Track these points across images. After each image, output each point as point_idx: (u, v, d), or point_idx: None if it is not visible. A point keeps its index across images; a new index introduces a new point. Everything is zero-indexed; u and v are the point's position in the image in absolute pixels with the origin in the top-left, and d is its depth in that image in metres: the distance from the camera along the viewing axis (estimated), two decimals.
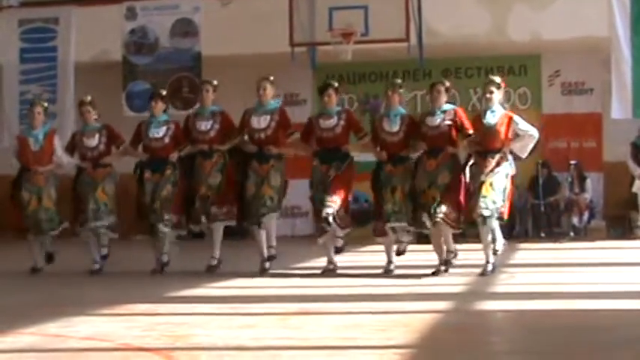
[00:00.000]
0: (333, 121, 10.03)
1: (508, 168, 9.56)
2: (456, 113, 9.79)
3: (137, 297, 8.14)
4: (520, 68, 17.10)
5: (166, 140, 10.34)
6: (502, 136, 9.56)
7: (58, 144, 10.88)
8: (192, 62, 16.26)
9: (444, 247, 9.77)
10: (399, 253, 9.95)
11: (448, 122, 9.71)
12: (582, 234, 15.40)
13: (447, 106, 9.87)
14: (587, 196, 15.88)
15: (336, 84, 10.53)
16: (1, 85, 17.12)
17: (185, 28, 16.27)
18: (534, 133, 9.75)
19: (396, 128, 9.83)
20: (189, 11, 16.28)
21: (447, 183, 9.51)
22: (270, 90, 10.26)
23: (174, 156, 10.32)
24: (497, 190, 9.39)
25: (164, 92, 11.24)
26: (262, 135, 10.09)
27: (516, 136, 9.66)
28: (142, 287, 9.28)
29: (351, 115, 10.52)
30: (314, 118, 10.30)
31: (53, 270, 10.81)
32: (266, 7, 15.72)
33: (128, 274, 10.63)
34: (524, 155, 9.87)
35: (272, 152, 10.03)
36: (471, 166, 9.68)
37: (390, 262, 9.96)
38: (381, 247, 10.14)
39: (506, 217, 9.62)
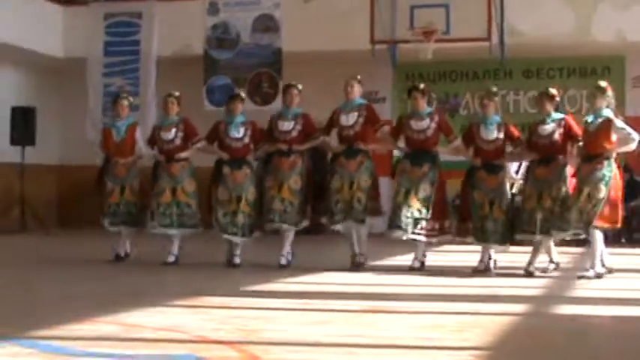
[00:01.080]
0: (424, 123, 10.15)
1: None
2: (566, 121, 9.81)
3: (212, 290, 8.21)
4: (603, 69, 16.82)
5: (246, 140, 10.55)
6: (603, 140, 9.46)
7: (140, 137, 11.10)
8: (272, 58, 16.37)
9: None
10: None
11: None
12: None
13: (557, 115, 9.88)
14: None
15: (422, 85, 10.59)
16: (86, 77, 17.44)
17: (266, 23, 16.39)
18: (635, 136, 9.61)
19: (492, 136, 9.96)
20: (270, 7, 16.40)
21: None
22: (357, 88, 10.39)
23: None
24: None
25: (243, 94, 11.48)
26: (351, 132, 10.22)
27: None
28: (216, 280, 9.35)
29: (442, 117, 10.60)
30: (405, 118, 10.40)
31: (130, 260, 11.02)
32: (347, 3, 15.73)
33: (202, 266, 10.71)
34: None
35: (360, 147, 10.15)
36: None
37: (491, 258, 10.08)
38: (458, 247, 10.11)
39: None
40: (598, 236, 9.32)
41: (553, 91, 10.08)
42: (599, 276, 9.29)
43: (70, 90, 18.57)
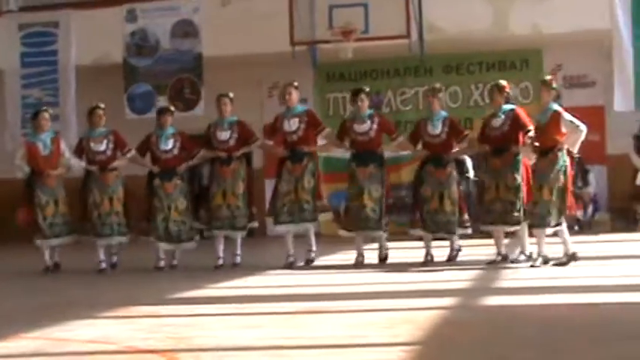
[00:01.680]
0: (366, 125, 10.64)
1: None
2: (515, 112, 10.15)
3: (140, 299, 8.14)
4: (522, 63, 17.06)
5: (175, 152, 11.04)
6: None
7: (65, 147, 11.27)
8: (193, 63, 16.25)
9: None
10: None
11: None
12: (587, 227, 15.37)
13: (507, 107, 10.22)
14: (591, 189, 15.85)
15: (368, 89, 11.21)
16: (3, 89, 17.13)
17: (185, 29, 16.26)
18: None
19: (437, 131, 10.41)
20: (189, 12, 16.27)
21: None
22: (295, 94, 10.90)
23: (182, 167, 11.11)
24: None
25: (173, 108, 11.92)
26: (294, 137, 10.70)
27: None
28: (144, 289, 9.28)
29: (384, 118, 11.14)
30: (348, 122, 10.83)
31: (54, 274, 10.93)
32: (266, 6, 15.70)
33: (130, 275, 10.68)
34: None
35: (304, 150, 10.64)
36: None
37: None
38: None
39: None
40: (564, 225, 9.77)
41: (503, 82, 10.41)
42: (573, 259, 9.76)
43: None
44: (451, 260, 10.60)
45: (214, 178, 10.97)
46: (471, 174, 12.88)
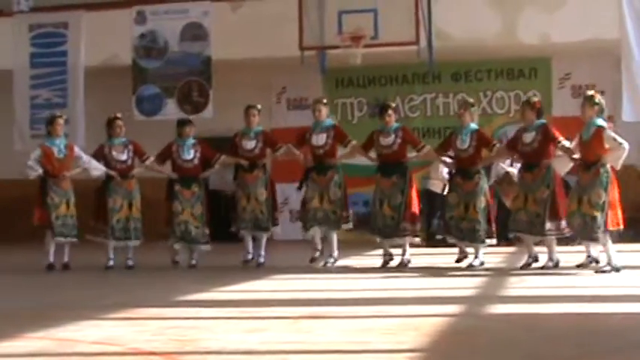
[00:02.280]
0: (391, 138, 11.17)
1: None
2: (545, 127, 10.49)
3: (146, 301, 8.17)
4: (530, 71, 17.02)
5: (196, 161, 11.75)
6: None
7: (81, 152, 11.76)
8: (201, 66, 16.26)
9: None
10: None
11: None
12: None
13: (538, 122, 10.53)
14: None
15: (393, 104, 11.97)
16: (12, 89, 17.16)
17: (194, 32, 16.27)
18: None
19: (465, 145, 10.82)
20: (198, 15, 16.28)
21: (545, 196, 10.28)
22: (324, 111, 11.59)
23: (205, 174, 12.00)
24: None
25: (191, 119, 12.64)
26: (321, 151, 11.36)
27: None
28: (150, 291, 9.31)
29: (408, 132, 11.56)
30: (376, 134, 11.33)
31: (63, 273, 10.99)
32: (276, 10, 15.71)
33: (136, 277, 10.73)
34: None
35: (330, 163, 11.33)
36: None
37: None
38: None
39: None
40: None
41: (535, 98, 11.09)
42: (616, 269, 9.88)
43: None
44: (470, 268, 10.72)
45: (239, 185, 11.66)
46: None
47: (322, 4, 14.61)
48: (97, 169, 11.64)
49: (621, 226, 10.09)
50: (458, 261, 11.06)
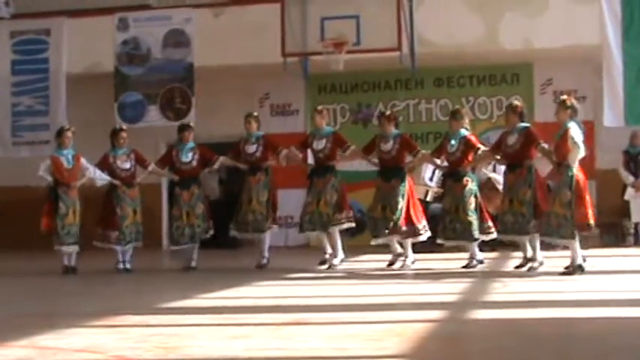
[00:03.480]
0: (389, 145, 11.65)
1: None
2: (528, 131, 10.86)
3: (128, 308, 8.14)
4: (512, 77, 17.07)
5: (194, 164, 12.30)
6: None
7: (87, 163, 12.19)
8: (184, 73, 16.24)
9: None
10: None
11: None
12: None
13: (522, 125, 10.90)
14: None
15: (389, 112, 12.58)
16: None
17: (177, 38, 16.25)
18: None
19: (453, 149, 11.30)
20: (181, 22, 16.26)
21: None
22: (320, 119, 12.23)
23: (204, 171, 12.68)
24: None
25: (192, 123, 13.08)
26: (321, 155, 11.99)
27: None
28: (132, 298, 9.29)
29: (406, 138, 12.06)
30: (377, 139, 11.82)
31: (45, 281, 10.96)
32: (258, 17, 15.71)
33: (122, 284, 10.73)
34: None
35: (329, 165, 11.91)
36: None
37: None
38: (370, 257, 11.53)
39: None
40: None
41: (517, 102, 11.22)
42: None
43: None
44: (467, 268, 11.18)
45: (244, 188, 12.21)
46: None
47: (304, 11, 14.62)
48: (102, 179, 12.09)
49: (592, 222, 10.31)
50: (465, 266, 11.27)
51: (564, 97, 10.89)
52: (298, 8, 14.69)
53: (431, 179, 12.69)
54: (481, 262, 11.32)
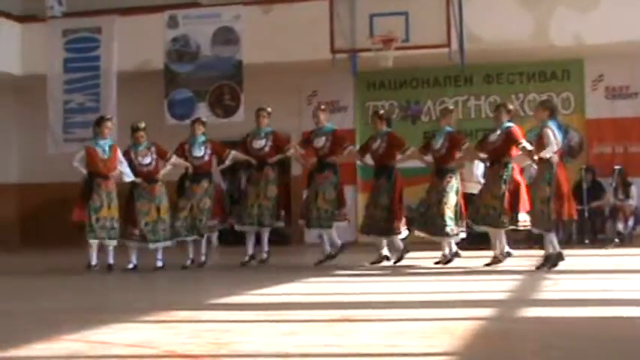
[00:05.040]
0: (377, 143, 11.93)
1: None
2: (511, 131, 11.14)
3: (180, 304, 8.18)
4: (563, 73, 16.93)
5: (206, 158, 12.20)
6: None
7: (120, 155, 11.89)
8: (233, 70, 16.34)
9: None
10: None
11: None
12: (627, 240, 15.20)
13: (505, 125, 11.20)
14: (633, 202, 15.64)
15: (382, 111, 12.74)
16: (46, 94, 17.30)
17: (226, 36, 16.35)
18: None
19: (438, 145, 11.57)
20: (230, 20, 16.36)
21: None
22: (323, 116, 12.28)
23: (216, 169, 12.66)
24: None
25: (204, 119, 12.86)
26: (321, 152, 12.06)
27: None
28: (183, 293, 9.34)
29: (393, 136, 12.08)
30: (370, 140, 12.12)
31: (98, 275, 11.07)
32: (307, 14, 15.74)
33: (168, 279, 10.80)
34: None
35: (328, 161, 12.00)
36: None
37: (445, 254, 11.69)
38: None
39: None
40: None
41: (510, 105, 11.68)
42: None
43: (30, 108, 18.44)
44: (440, 264, 11.49)
45: (250, 182, 12.33)
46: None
47: (353, 7, 14.62)
48: (129, 175, 11.81)
49: (575, 217, 10.93)
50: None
51: (544, 98, 11.82)
52: (347, 5, 14.70)
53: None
54: (456, 254, 11.61)
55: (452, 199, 11.41)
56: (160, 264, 11.86)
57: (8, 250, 16.37)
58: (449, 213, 11.36)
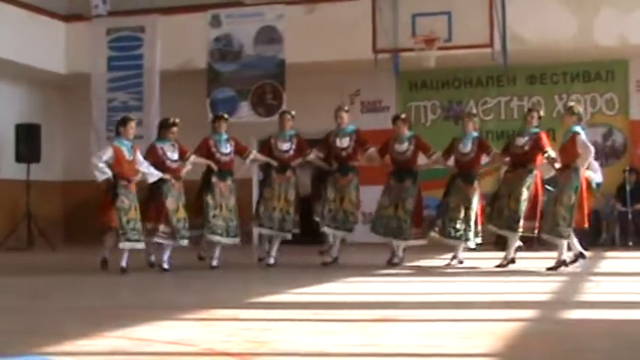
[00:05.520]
0: (404, 146, 11.91)
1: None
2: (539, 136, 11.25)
3: (219, 302, 8.22)
4: (607, 74, 16.81)
5: (232, 155, 12.13)
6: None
7: (140, 156, 11.62)
8: (275, 69, 16.38)
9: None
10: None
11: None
12: None
13: (533, 130, 11.31)
14: None
15: (404, 115, 12.65)
16: (89, 92, 17.47)
17: (269, 35, 16.40)
18: None
19: (467, 150, 11.67)
20: (273, 19, 16.41)
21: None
22: (346, 117, 12.27)
23: (241, 169, 12.57)
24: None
25: (226, 115, 12.57)
26: (344, 153, 12.06)
27: None
28: (223, 292, 9.37)
29: (420, 139, 12.15)
30: (391, 141, 12.05)
31: (132, 274, 11.14)
32: (349, 14, 15.76)
33: (207, 278, 10.86)
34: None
35: (351, 165, 12.03)
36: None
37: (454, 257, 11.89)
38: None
39: None
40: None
41: (541, 111, 11.76)
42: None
43: (74, 106, 18.64)
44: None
45: (269, 184, 12.19)
46: None
47: (396, 7, 14.63)
48: (154, 174, 11.50)
49: (586, 225, 10.78)
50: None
51: (572, 103, 11.41)
52: (389, 5, 14.71)
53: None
54: (461, 262, 11.74)
55: (475, 205, 11.56)
56: (165, 266, 11.55)
57: (52, 248, 16.52)
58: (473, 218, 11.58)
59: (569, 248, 10.94)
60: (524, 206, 11.08)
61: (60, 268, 12.89)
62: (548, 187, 11.88)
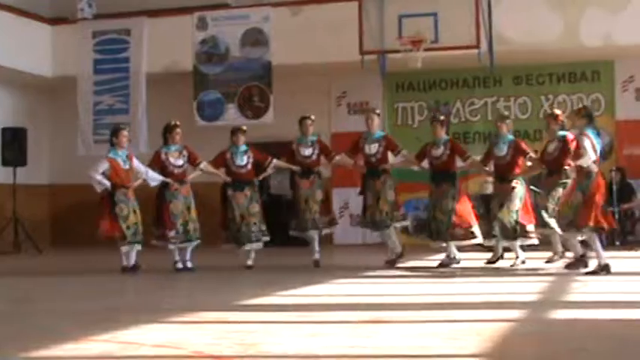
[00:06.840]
0: (440, 150, 11.87)
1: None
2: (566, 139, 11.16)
3: (208, 305, 8.20)
4: (593, 74, 16.84)
5: (249, 167, 12.21)
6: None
7: (139, 162, 11.93)
8: (262, 71, 16.37)
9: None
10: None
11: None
12: None
13: (561, 133, 11.24)
14: None
15: (442, 117, 12.59)
16: (76, 96, 17.41)
17: (255, 37, 16.38)
18: None
19: (503, 153, 11.58)
20: (259, 21, 16.39)
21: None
22: (377, 121, 12.26)
23: (259, 177, 12.42)
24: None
25: (244, 127, 12.59)
26: (373, 159, 12.09)
27: None
28: (211, 295, 9.35)
29: (456, 144, 12.28)
30: (429, 146, 12.04)
31: (125, 276, 11.10)
32: (335, 15, 15.75)
33: (197, 280, 10.81)
34: None
35: (383, 168, 12.03)
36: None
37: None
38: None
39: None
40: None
41: (557, 111, 11.61)
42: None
43: (60, 109, 18.59)
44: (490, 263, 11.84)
45: (295, 189, 12.36)
46: None
47: (382, 8, 14.64)
48: (155, 179, 11.83)
49: (605, 226, 10.48)
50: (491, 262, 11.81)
51: (580, 105, 11.67)
52: (376, 6, 14.73)
53: None
54: (523, 262, 11.53)
55: (517, 205, 11.42)
56: (189, 264, 11.89)
57: (39, 251, 16.47)
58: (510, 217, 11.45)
59: (568, 248, 11.08)
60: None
61: (47, 272, 12.85)
62: (534, 189, 11.93)
